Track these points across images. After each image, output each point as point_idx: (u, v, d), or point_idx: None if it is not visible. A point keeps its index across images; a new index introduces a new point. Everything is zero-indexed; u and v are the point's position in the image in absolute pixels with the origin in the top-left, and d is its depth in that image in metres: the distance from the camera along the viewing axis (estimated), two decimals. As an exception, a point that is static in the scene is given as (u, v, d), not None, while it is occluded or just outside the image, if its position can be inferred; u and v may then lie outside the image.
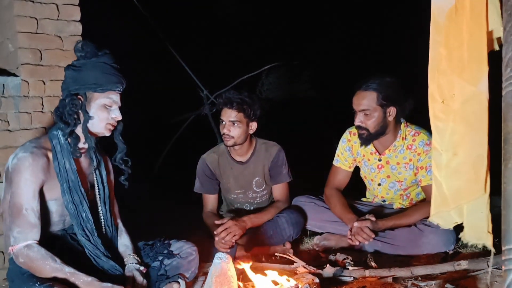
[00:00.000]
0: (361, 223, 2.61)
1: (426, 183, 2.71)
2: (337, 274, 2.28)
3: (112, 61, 2.00)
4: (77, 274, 1.82)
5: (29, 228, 1.85)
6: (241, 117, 2.83)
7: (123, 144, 2.13)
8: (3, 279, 2.55)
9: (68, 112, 1.95)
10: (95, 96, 1.98)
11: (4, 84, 2.60)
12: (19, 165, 1.87)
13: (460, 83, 1.65)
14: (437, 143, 1.75)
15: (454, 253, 2.58)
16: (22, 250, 1.83)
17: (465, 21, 1.63)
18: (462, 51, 1.65)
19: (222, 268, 1.88)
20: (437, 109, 1.74)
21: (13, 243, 1.85)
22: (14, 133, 2.64)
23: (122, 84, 2.03)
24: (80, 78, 1.95)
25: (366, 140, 2.78)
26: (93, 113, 1.98)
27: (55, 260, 1.83)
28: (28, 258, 1.83)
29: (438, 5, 1.66)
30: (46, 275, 1.81)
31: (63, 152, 1.98)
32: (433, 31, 1.69)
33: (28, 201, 1.86)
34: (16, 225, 1.85)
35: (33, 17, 2.68)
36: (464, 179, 1.69)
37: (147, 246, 2.30)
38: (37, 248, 1.84)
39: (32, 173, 1.88)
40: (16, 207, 1.86)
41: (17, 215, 1.85)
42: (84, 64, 1.97)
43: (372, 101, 2.68)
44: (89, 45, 1.99)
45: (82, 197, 2.01)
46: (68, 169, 1.98)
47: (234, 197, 3.10)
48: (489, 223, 1.68)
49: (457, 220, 1.76)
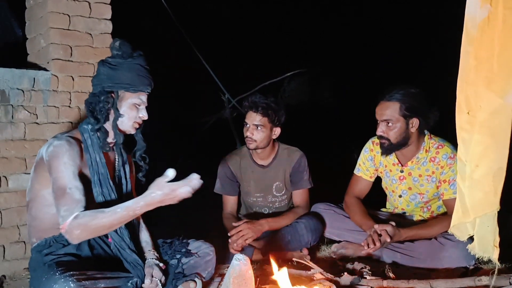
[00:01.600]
0: (381, 226, 2.58)
1: (448, 197, 2.67)
2: (355, 283, 2.25)
3: (145, 63, 2.08)
4: (130, 206, 1.84)
5: (75, 204, 1.86)
6: (265, 121, 2.84)
7: (143, 141, 2.18)
8: (24, 269, 2.60)
9: (100, 108, 2.02)
10: (127, 96, 2.05)
11: (34, 77, 2.67)
12: (57, 151, 1.92)
13: (488, 94, 1.64)
14: (462, 154, 1.74)
15: (475, 268, 2.53)
16: (72, 223, 1.82)
17: (497, 33, 1.62)
18: (492, 62, 1.64)
19: (240, 269, 1.87)
20: (463, 120, 1.73)
21: (62, 222, 1.84)
22: (42, 126, 2.71)
23: (151, 86, 2.10)
24: (116, 77, 2.02)
25: (387, 149, 2.76)
26: (123, 111, 2.05)
27: (103, 211, 1.84)
28: (82, 226, 1.82)
29: (471, 16, 1.65)
30: (110, 227, 1.86)
31: (93, 145, 2.04)
32: (464, 41, 1.68)
33: (71, 181, 1.90)
34: (62, 205, 1.86)
35: (66, 14, 2.75)
36: (485, 191, 1.68)
37: (165, 244, 2.32)
38: (82, 214, 1.84)
39: (70, 157, 1.92)
40: (60, 189, 1.88)
41: (62, 196, 1.87)
42: (120, 63, 2.03)
43: (395, 111, 2.66)
44: (125, 45, 2.05)
45: (111, 190, 2.06)
46: (98, 162, 2.04)
47: (253, 200, 3.10)
48: (496, 237, 1.66)
49: (471, 232, 1.76)
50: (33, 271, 1.97)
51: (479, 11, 1.63)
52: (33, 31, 2.89)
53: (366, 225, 2.74)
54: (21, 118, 2.63)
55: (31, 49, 2.93)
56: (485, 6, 1.61)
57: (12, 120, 2.61)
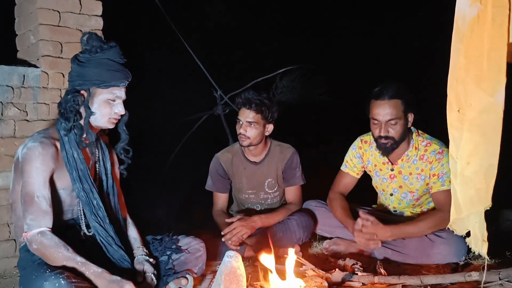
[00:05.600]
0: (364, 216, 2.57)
1: (437, 189, 2.68)
2: (346, 279, 2.27)
3: (117, 56, 2.00)
4: (88, 265, 1.82)
5: (42, 215, 1.87)
6: (258, 118, 2.84)
7: (126, 134, 2.16)
8: (14, 267, 2.59)
9: (69, 108, 1.96)
10: (98, 92, 1.98)
11: (24, 74, 2.64)
12: (30, 155, 1.89)
13: (478, 92, 1.65)
14: (453, 152, 1.76)
15: (465, 264, 2.56)
16: (35, 237, 1.85)
17: (487, 32, 1.63)
18: (482, 61, 1.65)
19: (231, 266, 1.88)
20: (453, 118, 1.74)
21: (26, 230, 1.87)
22: (32, 123, 2.68)
23: (127, 79, 2.03)
24: (84, 74, 1.96)
25: (390, 149, 2.72)
26: (96, 108, 1.99)
27: (67, 249, 1.84)
28: (41, 245, 1.84)
29: (461, 14, 1.66)
30: (58, 263, 1.82)
31: (70, 142, 2.00)
32: (455, 39, 1.69)
33: (40, 189, 1.88)
34: (29, 213, 1.87)
35: (56, 10, 2.72)
36: (476, 188, 1.70)
37: (155, 241, 2.32)
38: (50, 236, 1.85)
39: (43, 161, 1.90)
40: (29, 195, 1.87)
41: (29, 203, 1.87)
42: (88, 59, 1.97)
43: (398, 109, 2.62)
44: (94, 39, 1.99)
45: (92, 185, 2.03)
46: (77, 159, 2.00)
47: (245, 197, 3.10)
48: (484, 232, 1.69)
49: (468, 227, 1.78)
50: (22, 270, 1.96)
51: (469, 9, 1.64)
52: (22, 27, 2.86)
53: (346, 222, 2.75)
54: (10, 115, 2.61)
55: (21, 46, 2.90)
56: (475, 4, 1.62)
57: (2, 117, 2.58)
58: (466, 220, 1.77)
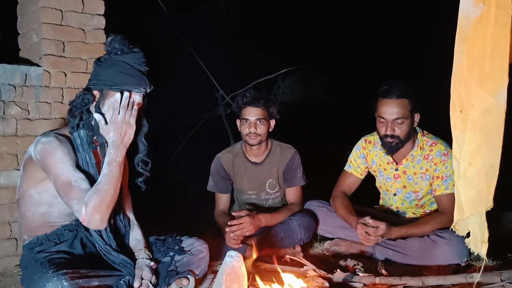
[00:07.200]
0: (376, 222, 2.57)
1: (440, 192, 2.68)
2: (347, 280, 2.26)
3: (135, 61, 1.94)
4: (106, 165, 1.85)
5: (84, 194, 1.82)
6: (265, 114, 2.89)
7: (144, 146, 2.07)
8: (15, 266, 2.59)
9: (76, 105, 1.94)
10: (110, 94, 1.92)
11: (26, 73, 2.65)
12: (48, 149, 1.86)
13: (480, 93, 1.65)
14: (455, 152, 1.75)
15: (467, 265, 2.55)
16: (87, 213, 1.78)
17: (489, 32, 1.63)
18: (485, 61, 1.64)
19: (233, 266, 1.87)
20: (456, 118, 1.74)
21: (79, 217, 1.81)
22: (34, 122, 2.69)
23: (141, 86, 1.94)
24: (99, 74, 1.93)
25: (395, 148, 2.71)
26: (106, 110, 1.93)
27: (99, 183, 1.82)
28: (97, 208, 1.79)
29: (464, 14, 1.65)
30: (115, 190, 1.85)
31: (83, 145, 1.96)
32: (458, 40, 1.68)
33: (73, 174, 1.84)
34: (73, 199, 1.81)
35: (58, 9, 2.73)
36: (478, 189, 1.69)
37: (158, 241, 2.30)
38: (88, 198, 1.79)
39: (63, 152, 1.87)
40: (65, 184, 1.83)
41: (69, 190, 1.82)
42: (105, 60, 1.94)
43: (406, 108, 2.62)
44: (117, 41, 1.94)
45: None
46: (89, 162, 1.96)
47: (246, 197, 3.10)
48: (485, 233, 1.68)
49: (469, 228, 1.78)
50: (24, 268, 1.95)
51: (472, 9, 1.63)
52: (25, 26, 2.87)
53: (350, 219, 2.74)
54: (12, 114, 2.61)
55: (23, 45, 2.91)
56: (478, 4, 1.61)
57: (4, 116, 2.59)
58: (468, 220, 1.77)
